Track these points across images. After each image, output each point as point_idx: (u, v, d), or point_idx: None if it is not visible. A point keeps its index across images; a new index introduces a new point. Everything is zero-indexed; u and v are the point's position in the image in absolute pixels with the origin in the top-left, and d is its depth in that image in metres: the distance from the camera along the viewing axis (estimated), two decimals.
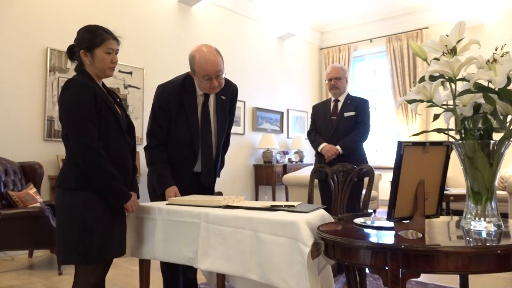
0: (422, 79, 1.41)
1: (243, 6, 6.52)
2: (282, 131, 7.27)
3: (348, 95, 3.44)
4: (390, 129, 7.47)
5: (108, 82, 4.75)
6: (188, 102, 2.19)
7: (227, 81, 2.27)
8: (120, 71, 4.84)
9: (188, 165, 2.23)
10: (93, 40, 1.76)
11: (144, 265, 2.01)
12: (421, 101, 1.45)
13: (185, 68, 2.23)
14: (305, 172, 5.10)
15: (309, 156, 7.79)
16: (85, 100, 1.71)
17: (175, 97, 2.18)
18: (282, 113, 7.25)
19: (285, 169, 6.62)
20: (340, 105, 3.39)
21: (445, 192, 4.57)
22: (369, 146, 7.75)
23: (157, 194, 2.20)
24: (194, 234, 1.75)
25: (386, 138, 7.51)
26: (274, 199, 6.46)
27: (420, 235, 1.31)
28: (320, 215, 1.67)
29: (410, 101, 1.45)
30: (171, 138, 2.20)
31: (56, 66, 4.31)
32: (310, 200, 2.79)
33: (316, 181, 3.01)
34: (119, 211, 1.82)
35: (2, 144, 3.92)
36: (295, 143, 7.16)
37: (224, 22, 6.28)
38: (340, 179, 2.68)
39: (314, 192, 2.82)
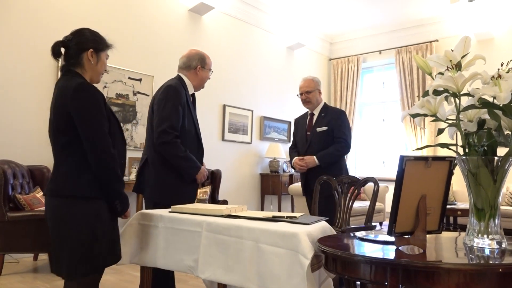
0: (426, 94, 1.41)
1: (254, 16, 6.57)
2: (289, 140, 7.26)
3: (324, 107, 3.31)
4: (398, 142, 7.42)
5: (118, 88, 4.81)
6: (189, 99, 2.49)
7: None
8: (129, 78, 4.90)
9: (199, 158, 2.48)
10: (103, 42, 1.78)
11: (146, 272, 2.01)
12: (425, 115, 1.45)
13: None
14: None
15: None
16: (101, 106, 1.67)
17: (184, 95, 2.44)
18: (289, 123, 7.24)
19: (292, 179, 6.60)
20: (314, 119, 3.29)
21: (452, 206, 4.51)
22: (376, 158, 7.74)
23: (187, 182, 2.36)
24: (195, 242, 1.75)
25: (394, 151, 7.46)
26: (279, 209, 6.43)
27: (421, 250, 1.29)
28: (321, 227, 1.67)
29: (414, 115, 1.45)
30: (184, 131, 2.38)
31: None
32: (314, 211, 2.78)
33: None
34: (116, 218, 1.79)
35: (11, 147, 3.98)
36: None
37: (234, 31, 6.33)
38: (344, 190, 2.67)
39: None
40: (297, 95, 3.38)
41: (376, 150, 7.76)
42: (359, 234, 1.55)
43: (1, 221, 3.38)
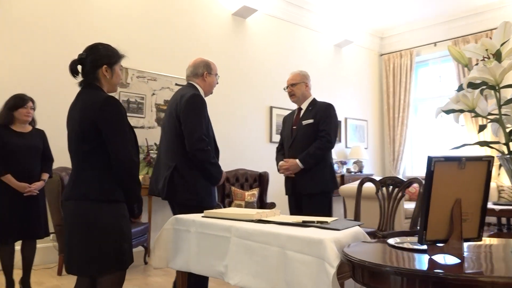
0: (461, 88, 1.28)
1: (298, 15, 6.49)
2: (340, 140, 7.08)
3: (312, 101, 3.21)
4: (458, 138, 6.95)
5: (166, 95, 4.96)
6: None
7: None
8: (176, 84, 5.03)
9: (217, 159, 2.55)
10: (115, 56, 1.89)
11: (181, 276, 2.04)
12: (461, 111, 1.32)
13: (239, 81, 2.28)
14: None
15: (369, 166, 7.50)
16: (125, 118, 1.83)
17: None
18: (340, 122, 7.06)
19: (343, 180, 6.42)
20: (302, 113, 3.18)
21: None
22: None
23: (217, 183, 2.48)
24: (224, 248, 1.74)
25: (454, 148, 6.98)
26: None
27: (457, 260, 1.17)
28: (353, 233, 1.58)
29: (448, 111, 1.32)
30: (208, 136, 2.46)
31: None
32: (357, 214, 2.67)
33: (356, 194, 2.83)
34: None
35: (67, 154, 4.23)
36: (354, 153, 6.94)
37: (279, 32, 6.29)
38: (389, 192, 2.53)
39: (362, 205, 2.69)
40: (284, 88, 3.30)
41: (434, 148, 7.32)
42: (391, 241, 1.44)
43: (59, 225, 3.61)
